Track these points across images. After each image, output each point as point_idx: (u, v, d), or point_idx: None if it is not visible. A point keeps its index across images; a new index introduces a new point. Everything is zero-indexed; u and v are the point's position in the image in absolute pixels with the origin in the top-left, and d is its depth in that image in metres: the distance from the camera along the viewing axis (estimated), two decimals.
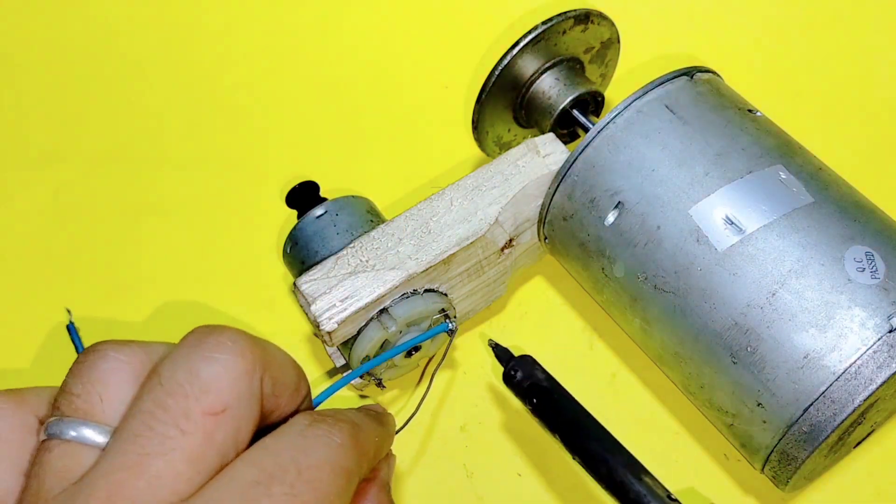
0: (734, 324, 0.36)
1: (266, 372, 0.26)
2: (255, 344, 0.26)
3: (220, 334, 0.26)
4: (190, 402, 0.24)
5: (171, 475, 0.23)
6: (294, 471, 0.24)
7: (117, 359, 0.26)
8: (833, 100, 0.56)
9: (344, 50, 0.62)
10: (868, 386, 0.33)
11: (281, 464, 0.24)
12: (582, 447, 0.34)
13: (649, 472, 0.33)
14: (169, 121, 0.59)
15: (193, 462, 0.23)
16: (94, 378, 0.25)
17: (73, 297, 0.50)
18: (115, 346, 0.26)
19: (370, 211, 0.44)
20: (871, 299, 0.34)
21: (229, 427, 0.24)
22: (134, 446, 0.23)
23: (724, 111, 0.41)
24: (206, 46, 0.62)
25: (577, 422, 0.35)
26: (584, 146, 0.41)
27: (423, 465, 0.43)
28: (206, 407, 0.24)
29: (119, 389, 0.25)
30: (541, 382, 0.36)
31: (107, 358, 0.26)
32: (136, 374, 0.26)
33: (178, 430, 0.23)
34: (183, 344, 0.26)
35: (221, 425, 0.24)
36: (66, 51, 0.62)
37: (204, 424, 0.24)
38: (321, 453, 0.25)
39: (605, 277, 0.41)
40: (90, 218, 0.54)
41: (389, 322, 0.39)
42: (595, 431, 0.34)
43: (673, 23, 0.60)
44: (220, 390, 0.24)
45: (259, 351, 0.26)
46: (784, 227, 0.36)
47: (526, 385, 0.36)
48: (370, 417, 0.31)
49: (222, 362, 0.25)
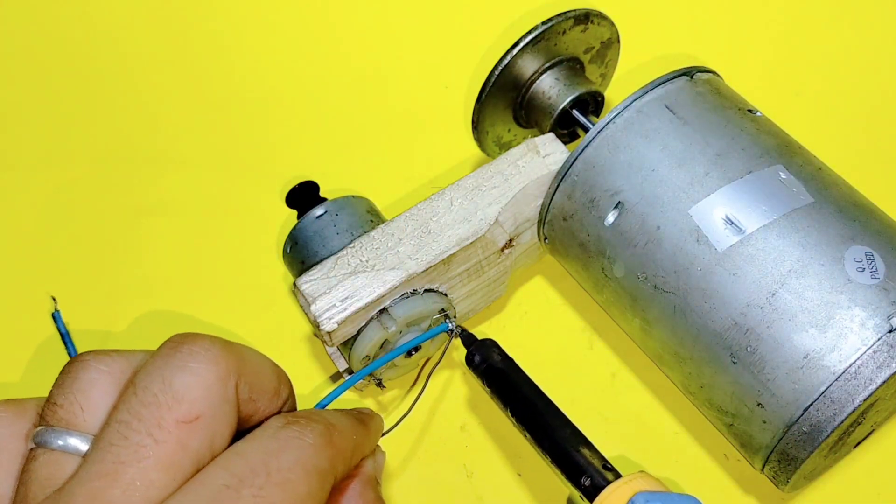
0: (734, 324, 0.36)
1: (241, 378, 0.27)
2: (229, 351, 0.27)
3: (192, 343, 0.26)
4: (163, 412, 0.25)
5: (144, 483, 0.24)
6: (263, 473, 0.25)
7: (98, 368, 0.26)
8: (833, 100, 0.56)
9: (344, 50, 0.62)
10: (868, 386, 0.33)
11: (251, 466, 0.25)
12: (530, 423, 0.38)
13: (591, 445, 0.37)
14: (169, 121, 0.59)
15: (167, 469, 0.24)
16: (75, 388, 0.26)
17: (72, 297, 0.50)
18: (97, 356, 0.27)
19: (370, 211, 0.44)
20: (871, 299, 0.34)
21: (203, 434, 0.25)
22: (109, 455, 0.24)
23: (724, 111, 0.41)
24: (206, 46, 0.62)
25: (527, 400, 0.39)
26: (583, 146, 0.41)
27: (423, 465, 0.43)
28: (179, 416, 0.25)
29: (100, 398, 0.26)
30: (496, 365, 0.40)
31: (88, 368, 0.26)
32: (117, 382, 0.26)
33: (152, 438, 0.24)
34: (158, 353, 0.26)
35: (195, 433, 0.25)
36: (67, 51, 0.62)
37: (177, 433, 0.24)
38: (292, 454, 0.26)
39: (604, 277, 0.41)
40: (89, 218, 0.54)
41: (389, 322, 0.39)
42: (542, 409, 0.39)
43: (673, 23, 0.61)
44: (194, 399, 0.25)
45: (234, 358, 0.27)
46: (784, 227, 0.36)
47: (483, 367, 0.40)
48: (348, 416, 0.31)
49: (195, 371, 0.26)
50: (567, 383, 0.45)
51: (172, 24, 0.63)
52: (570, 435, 0.38)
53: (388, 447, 0.43)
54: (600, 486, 0.35)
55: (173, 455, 0.24)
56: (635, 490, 0.34)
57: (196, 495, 0.24)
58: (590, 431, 0.43)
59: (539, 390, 0.40)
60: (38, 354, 0.48)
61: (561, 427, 0.38)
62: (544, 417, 0.38)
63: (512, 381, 0.40)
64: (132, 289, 0.51)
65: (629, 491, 0.34)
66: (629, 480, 0.35)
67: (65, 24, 0.63)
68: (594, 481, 0.35)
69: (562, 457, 0.37)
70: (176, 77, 0.61)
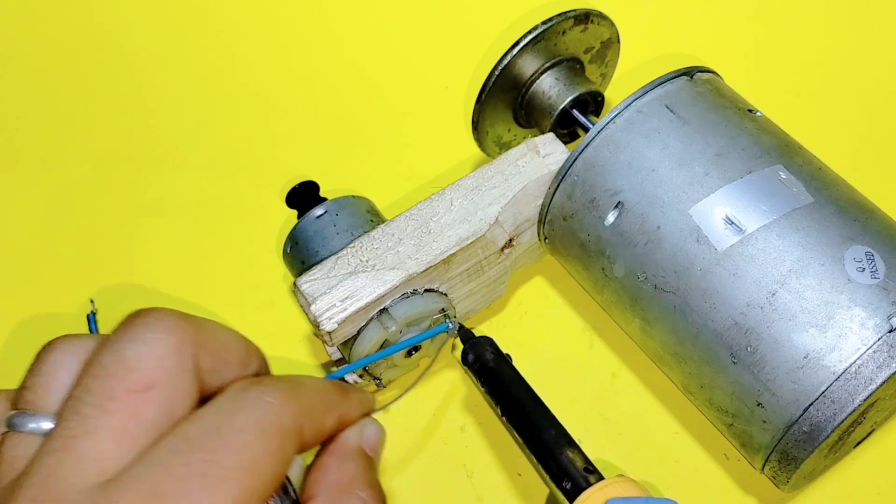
0: (734, 324, 0.36)
1: (201, 348, 0.27)
2: (185, 322, 0.27)
3: (147, 315, 0.26)
4: (114, 383, 0.25)
5: (95, 454, 0.24)
6: (215, 436, 0.25)
7: (65, 350, 0.27)
8: (833, 100, 0.56)
9: (344, 50, 0.62)
10: (868, 386, 0.33)
11: (204, 430, 0.25)
12: (517, 422, 0.39)
13: (576, 446, 0.37)
14: (169, 121, 0.59)
15: (119, 439, 0.24)
16: (42, 371, 0.26)
17: (72, 297, 0.50)
18: (64, 339, 0.27)
19: (370, 211, 0.44)
20: (871, 299, 0.34)
21: (159, 404, 0.25)
22: (63, 430, 0.24)
23: (724, 111, 0.41)
24: (206, 47, 0.62)
25: (516, 399, 0.39)
26: (584, 146, 0.41)
27: (423, 465, 0.43)
28: (130, 385, 0.25)
29: (66, 379, 0.26)
30: (488, 363, 0.40)
31: (54, 351, 0.27)
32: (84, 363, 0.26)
33: (102, 410, 0.24)
34: (115, 329, 0.26)
35: (150, 402, 0.25)
36: (67, 51, 0.62)
37: (128, 402, 0.24)
38: (248, 415, 0.26)
39: (605, 277, 0.41)
40: (89, 218, 0.54)
41: (389, 322, 0.39)
42: (530, 409, 0.39)
43: (673, 23, 0.61)
44: (146, 369, 0.25)
45: (191, 329, 0.27)
46: (784, 226, 0.36)
47: (476, 366, 0.40)
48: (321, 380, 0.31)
49: (148, 341, 0.25)
50: (567, 383, 0.45)
51: (173, 25, 0.63)
52: (555, 436, 0.38)
53: (388, 447, 0.43)
54: (580, 489, 0.35)
55: (125, 425, 0.24)
56: (609, 496, 0.34)
57: (146, 463, 0.24)
58: (590, 431, 0.43)
59: (529, 390, 0.40)
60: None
61: (547, 428, 0.38)
62: (531, 417, 0.38)
63: (502, 379, 0.40)
64: (132, 288, 0.51)
65: (603, 497, 0.34)
66: (604, 486, 0.35)
67: (65, 25, 0.63)
68: (575, 484, 0.36)
69: (545, 457, 0.37)
70: (176, 77, 0.61)
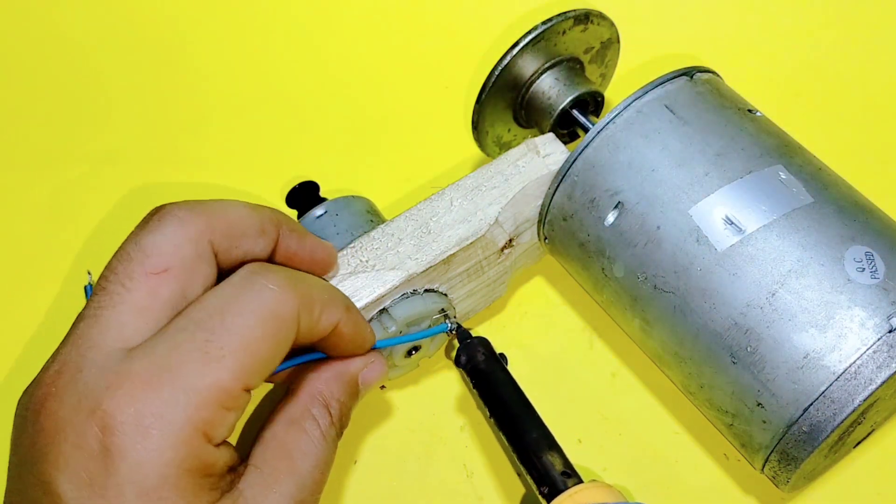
0: (734, 324, 0.36)
1: (215, 233, 0.31)
2: (199, 211, 0.31)
3: (163, 210, 0.31)
4: (134, 265, 0.29)
5: (117, 324, 0.28)
6: (218, 318, 0.28)
7: None
8: (833, 100, 0.56)
9: (344, 50, 0.62)
10: (868, 386, 0.33)
11: (209, 312, 0.28)
12: (502, 424, 0.39)
13: (559, 449, 0.38)
14: (169, 121, 0.59)
15: (139, 313, 0.28)
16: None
17: (72, 297, 0.50)
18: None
19: (370, 211, 0.44)
20: (871, 299, 0.34)
21: (174, 284, 0.29)
22: (93, 303, 0.29)
23: (724, 111, 0.41)
24: (206, 46, 0.62)
25: (502, 401, 0.39)
26: (583, 146, 0.41)
27: (423, 465, 0.43)
28: (147, 268, 0.29)
29: None
30: (479, 365, 0.41)
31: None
32: None
33: (124, 287, 0.29)
34: (138, 224, 0.31)
35: (165, 283, 0.29)
36: (66, 51, 0.62)
37: (146, 282, 0.29)
38: (249, 299, 0.29)
39: (604, 277, 0.41)
40: (90, 218, 0.54)
41: (389, 322, 0.39)
42: (516, 411, 0.39)
43: (673, 23, 0.60)
44: (161, 254, 0.29)
45: (204, 217, 0.30)
46: (784, 227, 0.36)
47: (468, 367, 0.41)
48: (325, 282, 0.34)
49: (164, 231, 0.30)
50: (567, 383, 0.45)
51: (173, 25, 0.63)
52: (536, 438, 0.38)
53: (388, 446, 0.43)
54: (557, 491, 0.36)
55: (143, 300, 0.29)
56: (580, 502, 0.35)
57: (159, 338, 0.28)
58: (590, 431, 0.43)
59: (518, 392, 0.40)
60: (40, 354, 0.48)
61: (529, 430, 0.38)
62: (515, 420, 0.39)
63: (491, 381, 0.40)
64: None
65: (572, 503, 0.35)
66: (575, 492, 0.35)
67: (65, 25, 0.63)
68: (552, 487, 0.36)
69: (527, 460, 0.38)
70: (176, 77, 0.61)
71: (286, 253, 0.34)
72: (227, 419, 0.28)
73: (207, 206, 0.31)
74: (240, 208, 0.32)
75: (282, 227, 0.33)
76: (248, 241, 0.32)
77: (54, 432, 0.27)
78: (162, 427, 0.26)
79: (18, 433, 0.29)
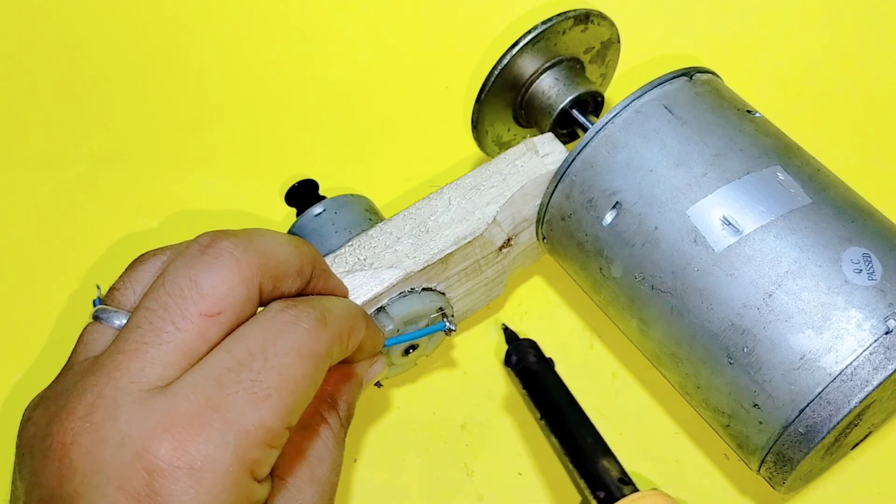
0: (731, 324, 0.36)
1: (265, 275, 0.30)
2: (252, 253, 0.29)
3: (217, 245, 0.29)
4: (188, 305, 0.28)
5: (162, 363, 0.27)
6: (261, 357, 0.28)
7: (152, 262, 0.31)
8: (833, 100, 0.56)
9: (344, 49, 0.62)
10: (864, 388, 0.33)
11: (250, 351, 0.28)
12: (556, 428, 0.39)
13: (612, 455, 0.38)
14: (168, 120, 0.59)
15: (184, 354, 0.27)
16: (130, 276, 0.31)
17: (71, 297, 0.50)
18: (152, 253, 0.31)
19: (368, 209, 0.44)
20: (868, 301, 0.34)
21: (223, 327, 0.28)
22: (135, 335, 0.27)
23: (723, 112, 0.40)
24: (206, 46, 0.62)
25: (555, 404, 0.40)
26: (582, 146, 0.41)
27: (423, 464, 0.43)
28: (203, 310, 0.28)
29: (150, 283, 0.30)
30: (530, 366, 0.41)
31: (143, 259, 0.31)
32: None
33: (175, 326, 0.27)
34: (186, 252, 0.29)
35: (216, 326, 0.28)
36: (67, 51, 0.62)
37: (199, 324, 0.28)
38: (288, 339, 0.28)
39: (602, 277, 0.41)
40: (90, 218, 0.54)
41: (387, 321, 0.39)
42: (569, 415, 0.39)
43: (673, 23, 0.60)
44: (217, 296, 0.28)
45: (256, 259, 0.29)
46: (781, 228, 0.36)
47: (518, 368, 0.41)
48: (347, 302, 0.34)
49: (221, 272, 0.28)
50: (567, 383, 0.45)
51: (173, 25, 0.63)
52: (591, 444, 0.38)
53: (388, 445, 0.43)
54: (613, 499, 0.35)
55: (192, 342, 0.27)
56: None
57: (201, 376, 0.27)
58: None
59: (569, 396, 0.40)
60: (41, 355, 0.48)
61: (584, 435, 0.38)
62: (569, 423, 0.39)
63: (543, 383, 0.41)
64: None
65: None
66: (637, 499, 0.35)
67: (65, 25, 0.63)
68: (608, 494, 0.36)
69: (581, 464, 0.38)
70: (176, 77, 0.61)
71: (312, 291, 0.33)
72: (272, 457, 0.28)
73: (258, 245, 0.30)
74: (285, 247, 0.31)
75: (315, 267, 0.33)
76: (289, 281, 0.31)
77: (93, 473, 0.26)
78: (214, 469, 0.26)
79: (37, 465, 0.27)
